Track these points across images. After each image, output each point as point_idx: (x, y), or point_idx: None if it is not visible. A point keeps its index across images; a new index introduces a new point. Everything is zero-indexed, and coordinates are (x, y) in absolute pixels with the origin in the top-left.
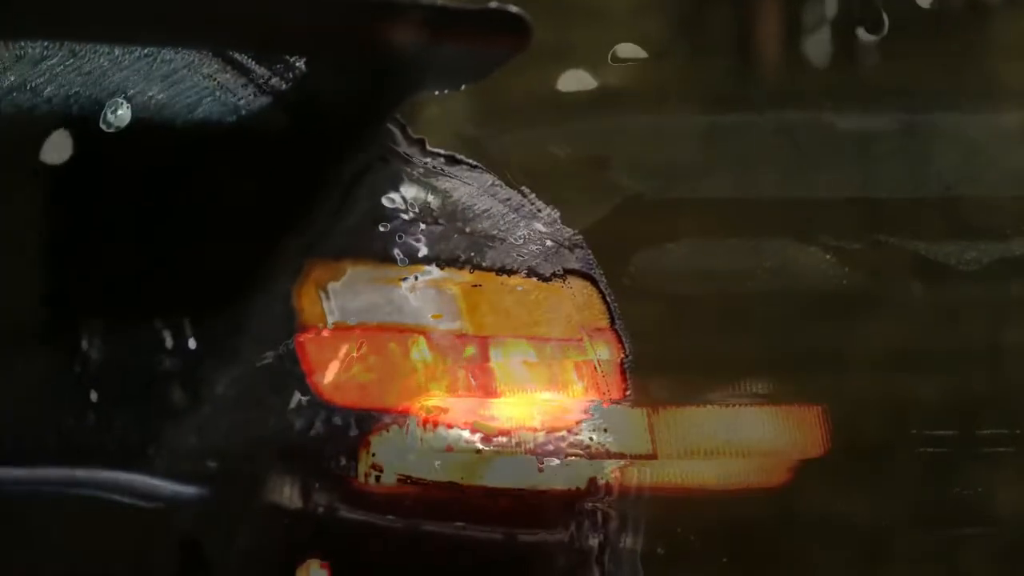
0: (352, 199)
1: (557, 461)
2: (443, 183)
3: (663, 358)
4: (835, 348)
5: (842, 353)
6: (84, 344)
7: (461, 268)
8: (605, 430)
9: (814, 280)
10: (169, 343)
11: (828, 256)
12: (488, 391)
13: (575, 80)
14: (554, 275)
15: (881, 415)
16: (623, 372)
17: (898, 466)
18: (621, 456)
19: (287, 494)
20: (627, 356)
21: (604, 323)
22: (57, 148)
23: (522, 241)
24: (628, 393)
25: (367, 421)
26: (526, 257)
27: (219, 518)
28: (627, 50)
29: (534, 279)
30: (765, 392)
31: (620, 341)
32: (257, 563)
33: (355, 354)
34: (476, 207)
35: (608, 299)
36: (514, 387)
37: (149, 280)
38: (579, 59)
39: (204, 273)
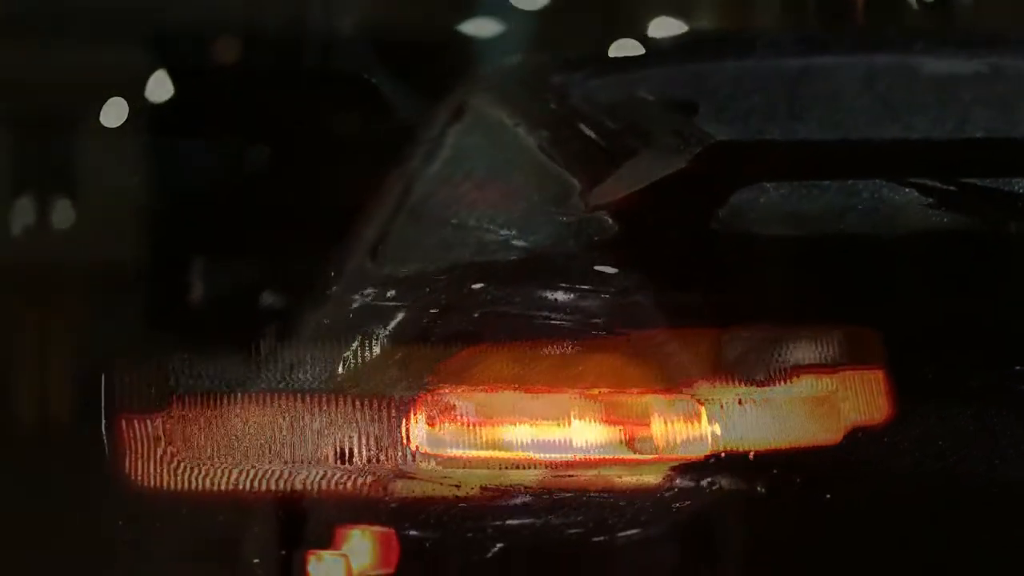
0: (439, 149)
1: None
2: (514, 140)
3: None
4: (928, 288)
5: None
6: (179, 287)
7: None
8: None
9: (908, 221)
10: (262, 286)
11: (922, 196)
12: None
13: (665, 26)
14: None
15: (979, 354)
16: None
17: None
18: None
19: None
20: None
21: None
22: (159, 86)
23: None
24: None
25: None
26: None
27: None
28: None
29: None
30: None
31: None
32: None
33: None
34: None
35: None
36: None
37: (246, 224)
38: (667, 5)
39: (298, 220)
